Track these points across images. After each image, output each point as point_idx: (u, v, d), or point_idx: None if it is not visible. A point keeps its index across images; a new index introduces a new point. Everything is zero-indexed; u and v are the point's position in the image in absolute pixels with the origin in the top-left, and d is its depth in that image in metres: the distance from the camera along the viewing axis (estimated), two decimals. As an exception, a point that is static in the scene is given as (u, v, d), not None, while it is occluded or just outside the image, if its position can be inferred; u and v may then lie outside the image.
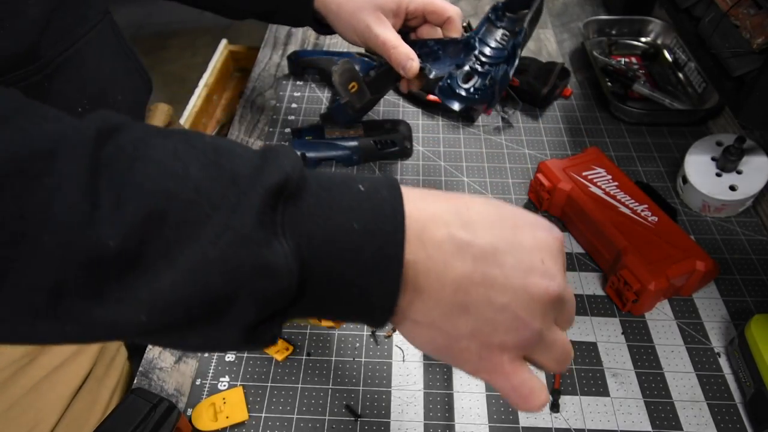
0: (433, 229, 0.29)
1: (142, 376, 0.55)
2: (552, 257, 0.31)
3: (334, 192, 0.29)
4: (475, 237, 0.29)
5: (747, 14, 0.61)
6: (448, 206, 0.31)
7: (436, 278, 0.29)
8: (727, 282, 0.62)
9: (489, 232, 0.30)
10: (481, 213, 0.31)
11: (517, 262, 0.30)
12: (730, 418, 0.51)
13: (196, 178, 0.27)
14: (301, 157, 0.32)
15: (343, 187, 0.29)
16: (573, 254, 0.65)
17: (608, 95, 0.81)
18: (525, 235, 0.31)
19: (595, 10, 1.07)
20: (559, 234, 0.33)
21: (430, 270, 0.29)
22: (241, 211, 0.26)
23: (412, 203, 0.29)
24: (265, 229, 0.27)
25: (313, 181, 0.29)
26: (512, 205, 0.33)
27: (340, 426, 0.51)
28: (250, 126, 0.82)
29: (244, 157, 0.29)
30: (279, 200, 0.28)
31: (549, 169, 0.66)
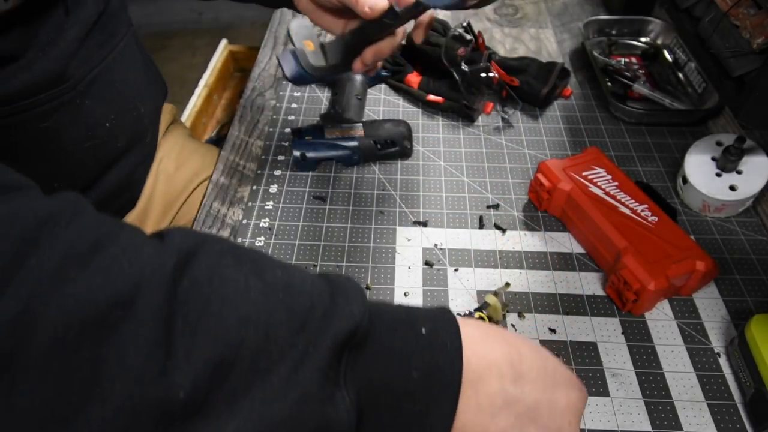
0: (488, 380, 0.31)
1: (142, 376, 0.55)
2: (577, 418, 0.34)
3: (397, 336, 0.30)
4: (522, 394, 0.31)
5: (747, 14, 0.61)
6: (503, 354, 0.32)
7: (480, 428, 0.30)
8: (727, 282, 0.62)
9: (534, 388, 0.32)
10: (531, 366, 0.33)
11: (550, 421, 0.32)
12: (730, 418, 0.51)
13: (267, 322, 0.27)
14: (363, 291, 0.31)
15: (407, 330, 0.30)
16: (573, 254, 0.65)
17: (608, 95, 0.81)
18: (561, 394, 0.33)
19: (595, 10, 1.07)
20: (586, 394, 0.35)
21: (477, 422, 0.30)
22: (309, 364, 0.27)
23: (471, 349, 0.31)
24: (329, 383, 0.27)
25: (378, 325, 0.30)
26: (551, 355, 0.35)
27: (340, 426, 0.51)
28: (250, 126, 0.82)
29: (314, 295, 0.29)
30: (345, 349, 0.28)
31: (549, 169, 0.66)
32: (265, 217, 0.69)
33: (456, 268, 0.63)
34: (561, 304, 0.60)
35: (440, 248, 0.65)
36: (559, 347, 0.56)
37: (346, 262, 0.64)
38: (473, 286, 0.62)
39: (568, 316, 0.59)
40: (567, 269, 0.63)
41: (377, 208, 0.70)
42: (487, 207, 0.70)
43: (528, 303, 0.60)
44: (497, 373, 0.31)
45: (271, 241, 0.66)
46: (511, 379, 0.31)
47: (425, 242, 0.66)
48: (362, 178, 0.74)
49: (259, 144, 0.79)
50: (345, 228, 0.67)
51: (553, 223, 0.68)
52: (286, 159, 0.76)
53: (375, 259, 0.64)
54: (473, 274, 0.63)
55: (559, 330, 0.58)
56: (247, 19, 0.76)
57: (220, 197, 0.72)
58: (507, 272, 0.63)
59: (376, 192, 0.72)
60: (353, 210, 0.70)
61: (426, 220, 0.68)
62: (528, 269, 0.63)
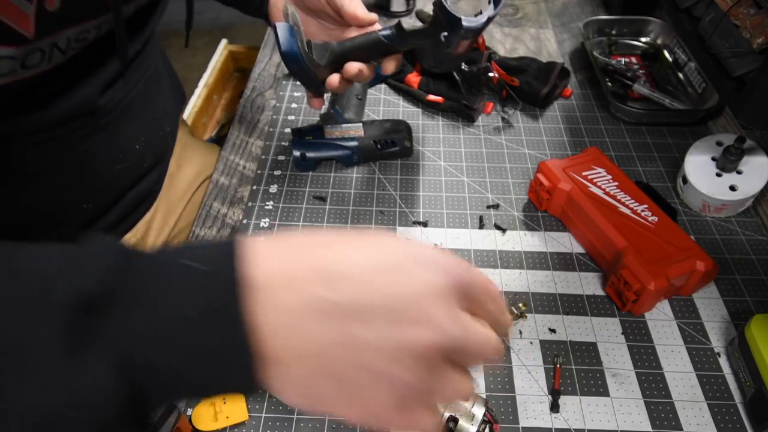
0: (287, 294, 0.27)
1: (142, 376, 0.55)
2: (437, 301, 0.28)
3: (157, 283, 0.26)
4: (339, 295, 0.27)
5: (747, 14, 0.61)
6: (306, 260, 0.28)
7: (295, 348, 0.27)
8: (727, 282, 0.62)
9: (358, 285, 0.27)
10: (351, 262, 0.28)
11: (390, 315, 0.27)
12: (730, 418, 0.51)
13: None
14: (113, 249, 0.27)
15: (171, 270, 0.27)
16: (573, 254, 0.65)
17: (608, 95, 0.81)
18: (405, 280, 0.28)
19: (595, 10, 1.07)
20: (456, 270, 0.29)
21: (289, 341, 0.26)
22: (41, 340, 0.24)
23: (258, 267, 0.27)
24: (72, 355, 0.25)
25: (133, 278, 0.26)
26: (398, 241, 0.30)
27: (340, 426, 0.51)
28: (250, 126, 0.82)
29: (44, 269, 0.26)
30: (87, 314, 0.25)
31: (549, 169, 0.66)
32: (265, 217, 0.69)
33: (456, 268, 0.63)
34: (561, 304, 0.60)
35: (440, 248, 0.65)
36: (559, 347, 0.56)
37: (346, 262, 0.64)
38: (473, 286, 0.62)
39: (568, 316, 0.59)
40: (567, 269, 0.63)
41: (377, 208, 0.70)
42: (487, 207, 0.70)
43: (528, 303, 0.60)
44: (299, 283, 0.27)
45: (271, 241, 0.66)
46: (319, 284, 0.27)
47: (425, 242, 0.66)
48: (362, 178, 0.74)
49: (259, 144, 0.79)
50: (345, 228, 0.67)
51: (553, 223, 0.68)
52: (286, 159, 0.76)
53: (375, 259, 0.64)
54: (473, 274, 0.63)
55: (559, 330, 0.58)
56: (247, 19, 0.76)
57: (220, 197, 0.72)
58: (507, 272, 0.63)
59: (376, 192, 0.72)
60: (353, 210, 0.70)
61: (426, 220, 0.68)
62: (528, 269, 0.63)
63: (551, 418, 0.51)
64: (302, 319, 0.27)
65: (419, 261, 0.29)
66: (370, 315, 0.27)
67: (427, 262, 0.29)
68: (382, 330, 0.27)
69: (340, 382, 0.27)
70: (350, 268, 0.28)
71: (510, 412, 0.52)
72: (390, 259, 0.29)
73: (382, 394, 0.28)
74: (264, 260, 0.27)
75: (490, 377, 0.54)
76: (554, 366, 0.55)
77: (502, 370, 0.55)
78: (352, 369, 0.27)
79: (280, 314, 0.26)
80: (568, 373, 0.54)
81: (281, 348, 0.26)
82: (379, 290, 0.27)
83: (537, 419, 0.51)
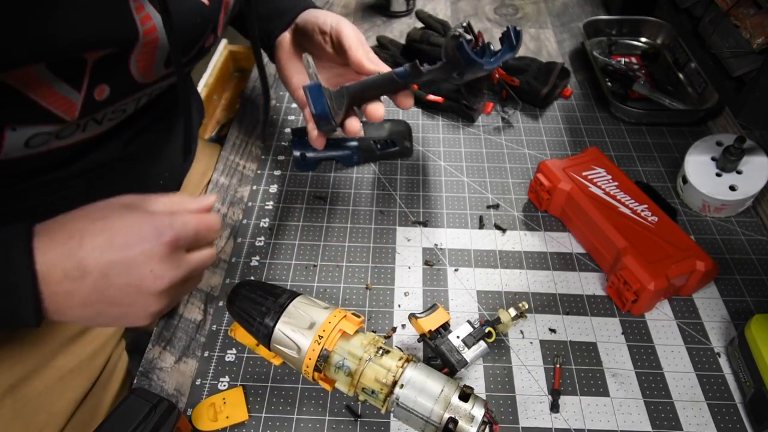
0: (51, 274, 0.39)
1: (142, 376, 0.55)
2: (160, 261, 0.41)
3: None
4: (84, 273, 0.40)
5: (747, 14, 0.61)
6: (63, 250, 0.40)
7: (65, 303, 0.40)
8: (727, 282, 0.62)
9: (101, 261, 0.40)
10: (94, 245, 0.41)
11: (129, 278, 0.41)
12: (730, 418, 0.51)
13: None
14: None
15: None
16: (573, 254, 0.65)
17: (608, 95, 0.81)
18: (134, 252, 0.41)
19: (595, 10, 1.07)
20: (167, 236, 0.42)
21: (59, 301, 0.40)
22: None
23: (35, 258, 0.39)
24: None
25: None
26: (125, 221, 0.42)
27: (340, 426, 0.51)
28: (250, 126, 0.82)
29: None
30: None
31: (549, 169, 0.66)
32: (265, 217, 0.69)
33: (456, 268, 0.63)
34: (561, 304, 0.60)
35: (440, 248, 0.65)
36: (559, 347, 0.56)
37: (346, 262, 0.64)
38: (473, 286, 0.62)
39: (568, 316, 0.59)
40: (567, 269, 0.63)
41: (377, 208, 0.70)
42: (487, 207, 0.70)
43: (528, 303, 0.60)
44: (59, 266, 0.39)
45: (271, 241, 0.66)
46: (72, 266, 0.40)
47: (425, 242, 0.66)
48: (362, 178, 0.74)
49: (259, 144, 0.79)
50: (345, 228, 0.67)
51: (553, 223, 0.68)
52: (286, 159, 0.76)
53: (375, 259, 0.64)
54: (473, 274, 0.63)
55: (559, 330, 0.58)
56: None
57: (220, 197, 0.72)
58: (507, 272, 0.63)
59: (376, 192, 0.72)
60: (353, 210, 0.70)
61: (426, 220, 0.68)
62: (528, 269, 0.63)
63: (551, 418, 0.51)
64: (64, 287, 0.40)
65: (140, 236, 0.41)
66: (114, 280, 0.41)
67: (145, 236, 0.41)
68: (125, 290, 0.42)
69: (108, 319, 0.43)
70: (95, 249, 0.41)
71: (510, 412, 0.52)
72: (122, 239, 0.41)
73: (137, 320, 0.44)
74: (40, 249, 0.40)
75: (490, 377, 0.54)
76: (554, 366, 0.55)
77: (502, 370, 0.55)
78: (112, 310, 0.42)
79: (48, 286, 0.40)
80: (568, 373, 0.54)
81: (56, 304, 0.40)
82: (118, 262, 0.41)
83: (537, 419, 0.51)
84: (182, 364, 0.56)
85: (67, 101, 0.44)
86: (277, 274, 0.63)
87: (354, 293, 0.61)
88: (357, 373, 0.46)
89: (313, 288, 0.61)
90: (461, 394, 0.44)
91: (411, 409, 0.44)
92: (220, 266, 0.64)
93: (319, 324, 0.47)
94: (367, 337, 0.48)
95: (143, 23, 0.46)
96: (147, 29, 0.46)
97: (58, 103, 0.43)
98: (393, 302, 0.60)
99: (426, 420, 0.43)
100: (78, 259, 0.40)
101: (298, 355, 0.47)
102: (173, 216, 0.44)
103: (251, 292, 0.50)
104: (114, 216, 0.43)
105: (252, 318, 0.49)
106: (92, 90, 0.45)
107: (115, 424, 0.43)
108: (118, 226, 0.42)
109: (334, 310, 0.49)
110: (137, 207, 0.44)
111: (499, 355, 0.56)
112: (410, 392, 0.44)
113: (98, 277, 0.41)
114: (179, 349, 0.57)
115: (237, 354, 0.56)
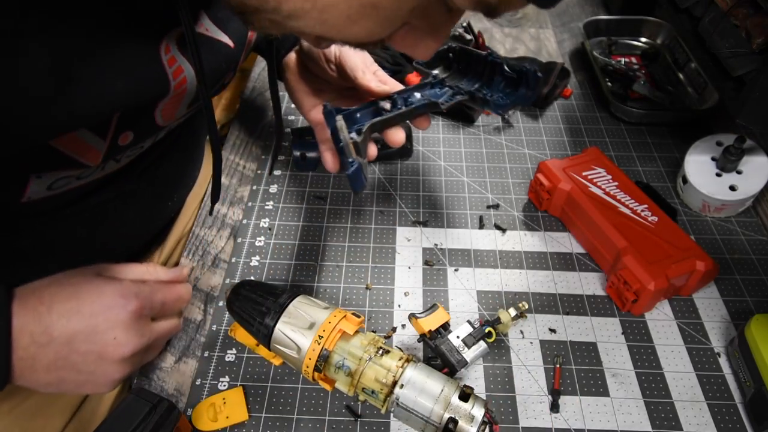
0: (20, 339, 0.40)
1: (142, 376, 0.55)
2: (124, 329, 0.43)
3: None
4: (50, 340, 0.41)
5: (747, 14, 0.61)
6: (33, 315, 0.41)
7: (30, 367, 0.41)
8: (727, 282, 0.62)
9: (66, 328, 0.42)
10: (61, 311, 0.42)
11: (92, 345, 0.42)
12: (730, 418, 0.51)
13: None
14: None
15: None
16: (573, 254, 0.65)
17: (608, 95, 0.81)
18: (99, 319, 0.42)
19: (595, 10, 1.07)
20: (132, 304, 0.44)
21: (24, 366, 0.41)
22: None
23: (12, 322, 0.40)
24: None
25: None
26: (93, 288, 0.44)
27: (340, 426, 0.51)
28: (250, 126, 0.82)
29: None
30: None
31: (549, 169, 0.66)
32: (265, 217, 0.69)
33: (456, 268, 0.63)
34: (561, 304, 0.60)
35: (440, 248, 0.65)
36: (559, 347, 0.56)
37: (346, 262, 0.64)
38: (473, 286, 0.62)
39: (568, 316, 0.59)
40: (567, 269, 0.63)
41: (377, 208, 0.70)
42: (487, 207, 0.70)
43: (528, 303, 0.60)
44: (27, 331, 0.40)
45: (271, 241, 0.66)
46: (39, 332, 0.41)
47: (425, 242, 0.66)
48: (362, 178, 0.74)
49: (259, 144, 0.79)
50: (345, 228, 0.67)
51: (553, 223, 0.68)
52: (286, 159, 0.76)
53: (375, 259, 0.64)
54: (473, 274, 0.63)
55: (559, 330, 0.58)
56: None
57: (220, 197, 0.72)
58: (507, 272, 0.63)
59: (376, 192, 0.72)
60: (353, 210, 0.70)
61: (426, 220, 0.68)
62: (528, 269, 0.63)
63: (551, 418, 0.51)
64: (30, 353, 0.41)
65: (108, 305, 0.43)
66: (78, 346, 0.42)
67: (113, 305, 0.43)
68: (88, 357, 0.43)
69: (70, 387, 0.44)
70: (63, 315, 0.42)
71: (510, 412, 0.52)
72: (89, 307, 0.43)
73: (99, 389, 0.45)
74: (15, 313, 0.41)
75: (490, 377, 0.54)
76: (554, 366, 0.55)
77: (502, 370, 0.55)
78: (77, 377, 0.43)
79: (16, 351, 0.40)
80: (568, 373, 0.54)
81: (20, 369, 0.41)
82: (82, 330, 0.42)
83: (537, 419, 0.51)
84: (182, 364, 0.56)
85: (92, 149, 0.43)
86: (277, 274, 0.63)
87: (354, 293, 0.61)
88: (357, 373, 0.46)
89: (313, 288, 0.61)
90: (461, 394, 0.44)
91: (411, 409, 0.44)
92: (220, 266, 0.64)
93: (319, 324, 0.47)
94: (367, 337, 0.48)
95: (175, 78, 0.45)
96: (178, 82, 0.45)
97: (83, 151, 0.43)
98: (393, 302, 0.60)
99: (426, 420, 0.43)
100: (45, 325, 0.42)
101: (298, 355, 0.47)
102: (141, 285, 0.46)
103: (251, 292, 0.50)
104: (83, 283, 0.44)
105: (252, 318, 0.49)
106: (117, 137, 0.45)
107: (115, 424, 0.43)
108: (86, 292, 0.44)
109: (334, 310, 0.49)
110: (108, 274, 0.46)
111: (499, 355, 0.56)
112: (410, 392, 0.44)
113: (62, 343, 0.42)
114: (179, 349, 0.57)
115: (237, 354, 0.56)
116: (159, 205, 0.65)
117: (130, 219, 0.60)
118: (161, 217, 0.67)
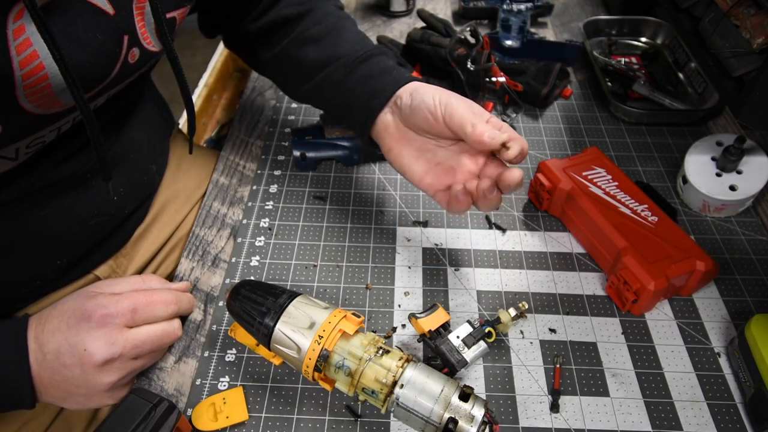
0: (34, 355, 0.46)
1: (142, 376, 0.55)
2: (93, 339, 0.46)
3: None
4: (44, 355, 0.46)
5: (747, 14, 0.61)
6: (33, 335, 0.47)
7: (39, 385, 0.47)
8: (727, 282, 0.62)
9: (53, 343, 0.46)
10: (50, 328, 0.47)
11: (72, 357, 0.46)
12: (730, 418, 0.51)
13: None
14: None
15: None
16: (573, 254, 0.65)
17: (608, 95, 0.81)
18: (73, 332, 0.47)
19: (595, 10, 1.07)
20: (97, 314, 0.47)
21: (36, 383, 0.46)
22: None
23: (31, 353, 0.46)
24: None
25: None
26: (75, 304, 0.48)
27: (340, 426, 0.51)
28: (250, 126, 0.82)
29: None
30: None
31: (549, 169, 0.66)
32: (265, 217, 0.69)
33: (456, 268, 0.63)
34: (561, 304, 0.60)
35: (440, 248, 0.65)
36: (559, 347, 0.56)
37: (346, 262, 0.64)
38: (473, 286, 0.62)
39: (568, 316, 0.59)
40: (567, 269, 0.63)
41: (377, 208, 0.70)
42: (487, 207, 0.70)
43: (528, 303, 0.60)
44: (31, 350, 0.46)
45: (271, 241, 0.66)
46: (39, 361, 0.46)
47: (425, 242, 0.66)
48: (362, 178, 0.74)
49: (259, 144, 0.79)
50: (345, 228, 0.67)
51: (553, 223, 0.68)
52: (286, 159, 0.76)
53: (375, 259, 0.64)
54: (473, 274, 0.63)
55: (559, 330, 0.58)
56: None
57: (220, 197, 0.72)
58: (507, 272, 0.63)
59: (376, 192, 0.72)
60: (353, 210, 0.70)
61: (426, 220, 0.68)
62: (528, 269, 0.63)
63: (551, 418, 0.51)
64: (51, 380, 0.47)
65: (80, 322, 0.47)
66: (60, 357, 0.47)
67: (84, 320, 0.47)
68: (79, 389, 0.48)
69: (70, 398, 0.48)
70: (56, 348, 0.47)
71: (510, 412, 0.52)
72: (81, 345, 0.47)
73: (90, 403, 0.49)
74: (33, 349, 0.47)
75: (490, 377, 0.54)
76: (554, 366, 0.55)
77: (502, 370, 0.55)
78: (75, 397, 0.48)
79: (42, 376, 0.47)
80: (568, 373, 0.54)
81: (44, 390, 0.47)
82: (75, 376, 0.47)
83: (537, 419, 0.51)
84: (182, 364, 0.56)
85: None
86: (277, 274, 0.63)
87: (354, 293, 0.61)
88: (357, 373, 0.46)
89: (313, 288, 0.61)
90: (461, 394, 0.44)
91: (411, 409, 0.44)
92: (220, 266, 0.64)
93: (319, 324, 0.47)
94: (367, 337, 0.48)
95: (19, 53, 0.39)
96: (24, 59, 0.40)
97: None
98: (393, 302, 0.60)
99: (426, 420, 0.43)
100: (40, 343, 0.46)
101: (298, 355, 0.47)
102: (111, 296, 0.49)
103: (251, 292, 0.50)
104: (70, 300, 0.48)
105: (252, 318, 0.49)
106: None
107: (115, 424, 0.43)
108: (70, 309, 0.48)
109: (334, 310, 0.49)
110: (98, 290, 0.50)
111: (499, 355, 0.56)
112: (410, 392, 0.44)
113: (53, 357, 0.46)
114: (179, 349, 0.57)
115: (237, 354, 0.56)
116: (98, 200, 0.58)
117: (54, 214, 0.55)
118: (107, 218, 0.60)
